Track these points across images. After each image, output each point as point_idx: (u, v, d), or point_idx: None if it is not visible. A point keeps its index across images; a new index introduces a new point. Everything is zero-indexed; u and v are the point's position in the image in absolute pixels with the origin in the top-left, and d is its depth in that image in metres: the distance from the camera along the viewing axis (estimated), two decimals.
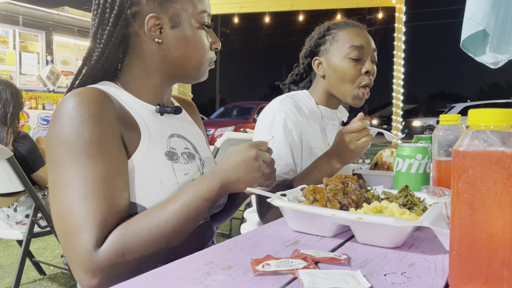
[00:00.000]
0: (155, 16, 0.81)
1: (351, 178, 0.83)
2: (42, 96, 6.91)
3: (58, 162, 0.71)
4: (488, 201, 0.44)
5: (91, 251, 0.66)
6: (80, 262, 0.66)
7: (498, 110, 0.45)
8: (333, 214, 0.68)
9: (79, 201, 0.68)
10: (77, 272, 0.67)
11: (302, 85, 1.47)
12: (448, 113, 1.00)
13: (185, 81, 0.91)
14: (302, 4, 6.87)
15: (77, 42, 7.81)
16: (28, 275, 2.54)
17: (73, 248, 0.67)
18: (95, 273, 0.66)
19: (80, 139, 0.70)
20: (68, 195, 0.68)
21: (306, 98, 1.34)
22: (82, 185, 0.68)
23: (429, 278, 0.54)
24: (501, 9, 1.58)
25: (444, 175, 1.01)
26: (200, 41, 0.86)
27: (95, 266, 0.66)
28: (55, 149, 0.72)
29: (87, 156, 0.70)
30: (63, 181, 0.69)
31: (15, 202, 2.17)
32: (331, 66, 1.28)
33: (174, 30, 0.83)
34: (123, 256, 0.67)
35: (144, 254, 0.69)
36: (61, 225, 0.69)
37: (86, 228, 0.66)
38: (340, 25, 1.30)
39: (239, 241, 0.69)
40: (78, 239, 0.66)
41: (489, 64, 1.72)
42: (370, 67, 1.25)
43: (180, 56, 0.85)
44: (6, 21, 6.63)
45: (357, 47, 1.24)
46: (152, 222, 0.71)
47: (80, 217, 0.67)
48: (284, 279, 0.52)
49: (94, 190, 0.69)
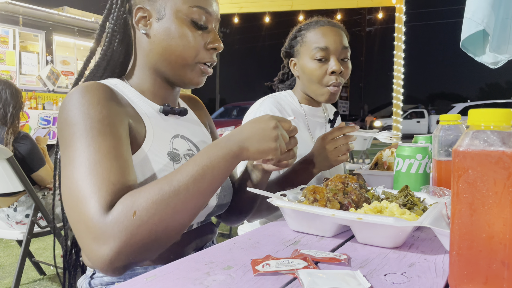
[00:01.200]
0: (141, 7, 0.82)
1: (351, 178, 0.83)
2: (42, 96, 6.91)
3: (67, 143, 0.69)
4: (488, 201, 0.43)
5: (99, 215, 0.62)
6: (88, 229, 0.62)
7: (498, 110, 0.45)
8: (333, 214, 0.68)
9: (86, 172, 0.65)
10: (86, 243, 0.63)
11: (288, 83, 1.51)
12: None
13: (177, 84, 0.87)
14: (302, 4, 6.86)
15: (77, 42, 7.81)
16: (28, 275, 2.54)
17: (80, 218, 0.63)
18: (105, 238, 0.61)
19: (88, 119, 0.70)
20: (76, 169, 0.66)
21: (289, 98, 1.37)
22: (89, 157, 0.66)
23: (429, 278, 0.54)
24: (501, 9, 1.58)
25: (444, 175, 1.01)
26: (184, 36, 0.81)
27: (104, 230, 0.61)
28: (64, 132, 0.70)
29: (95, 131, 0.69)
30: (71, 158, 0.68)
31: (15, 202, 2.17)
32: (301, 67, 1.32)
33: (160, 22, 0.82)
34: (133, 216, 0.62)
35: (156, 214, 0.63)
36: (70, 200, 0.66)
37: (93, 193, 0.63)
38: (310, 26, 1.33)
39: (239, 241, 0.69)
40: (85, 207, 0.63)
41: (489, 64, 1.72)
42: (337, 67, 1.25)
43: (163, 50, 0.82)
44: (6, 21, 6.63)
45: (321, 48, 1.26)
46: (163, 181, 0.67)
47: (87, 186, 0.64)
48: (284, 279, 0.52)
49: (101, 161, 0.66)
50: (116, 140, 0.71)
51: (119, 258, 0.61)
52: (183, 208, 0.66)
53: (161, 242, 0.65)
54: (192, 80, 0.86)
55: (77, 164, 0.66)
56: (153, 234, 0.63)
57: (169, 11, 0.81)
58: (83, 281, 0.83)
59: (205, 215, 0.88)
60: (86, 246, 0.63)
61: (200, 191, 0.68)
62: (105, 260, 0.61)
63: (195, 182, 0.67)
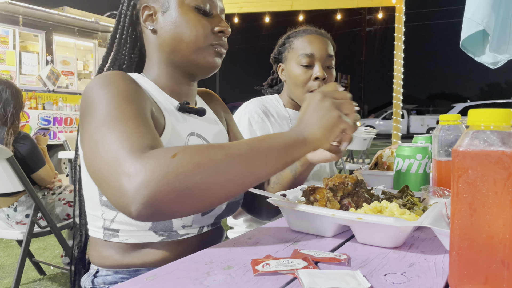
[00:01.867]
0: (147, 6, 0.84)
1: (351, 178, 0.83)
2: (42, 96, 6.91)
3: (89, 113, 0.67)
4: (488, 201, 0.44)
5: (132, 153, 0.58)
6: (118, 166, 0.57)
7: (498, 110, 0.45)
8: (333, 214, 0.68)
9: (114, 128, 0.62)
10: (114, 182, 0.57)
11: (276, 87, 1.59)
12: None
13: (194, 71, 0.86)
14: (302, 4, 6.86)
15: (77, 42, 7.81)
16: (28, 275, 2.54)
17: (111, 164, 0.58)
18: (136, 171, 0.55)
19: (111, 89, 0.69)
20: (99, 133, 0.63)
21: (275, 101, 1.45)
22: (117, 116, 0.64)
23: (429, 278, 0.54)
24: (501, 9, 1.58)
25: (444, 175, 1.01)
26: (190, 22, 0.82)
27: (137, 163, 0.56)
28: (87, 107, 0.68)
29: (121, 98, 0.67)
30: (92, 122, 0.65)
31: (15, 202, 2.17)
32: (288, 72, 1.39)
33: (165, 15, 0.84)
34: (172, 157, 0.57)
35: (199, 165, 0.57)
36: (98, 158, 0.61)
37: (125, 140, 0.60)
38: (297, 34, 1.40)
39: (239, 241, 0.69)
40: (117, 153, 0.58)
41: (488, 64, 1.72)
42: (320, 73, 1.32)
43: (172, 41, 0.83)
44: (6, 21, 6.63)
45: (307, 55, 1.34)
46: (214, 144, 0.62)
47: (116, 137, 0.60)
48: (284, 279, 0.52)
49: (130, 119, 0.64)
50: (141, 107, 0.69)
51: (148, 196, 0.55)
52: (230, 174, 0.60)
53: (194, 202, 0.58)
54: (207, 63, 0.85)
55: (101, 121, 0.64)
56: (189, 185, 0.56)
57: (173, 3, 0.83)
58: (86, 280, 0.83)
59: (214, 217, 0.88)
60: (116, 186, 0.57)
61: (251, 163, 0.61)
62: (133, 194, 0.55)
63: (249, 153, 0.61)
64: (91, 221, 0.83)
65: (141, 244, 0.79)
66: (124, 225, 0.78)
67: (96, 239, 0.82)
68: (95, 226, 0.82)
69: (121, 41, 0.88)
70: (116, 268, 0.80)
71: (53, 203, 2.30)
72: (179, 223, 0.79)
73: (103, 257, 0.81)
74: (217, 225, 0.91)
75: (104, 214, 0.79)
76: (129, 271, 0.80)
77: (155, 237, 0.79)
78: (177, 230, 0.81)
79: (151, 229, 0.78)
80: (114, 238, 0.79)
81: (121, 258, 0.80)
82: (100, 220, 0.80)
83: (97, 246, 0.82)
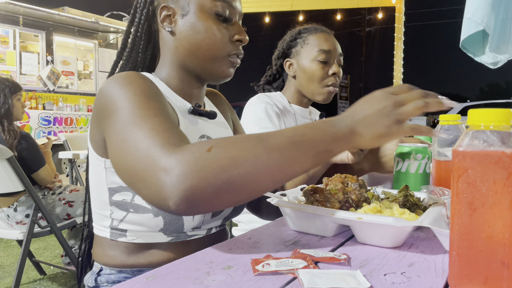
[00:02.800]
0: (166, 6, 0.84)
1: (351, 178, 0.83)
2: (42, 96, 6.92)
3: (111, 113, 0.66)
4: (488, 201, 0.44)
5: (166, 148, 0.57)
6: (154, 162, 0.56)
7: (498, 110, 0.45)
8: (333, 214, 0.68)
9: (141, 128, 0.61)
10: (150, 177, 0.56)
11: (275, 85, 1.59)
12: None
13: (207, 78, 0.87)
14: (302, 4, 6.86)
15: (77, 42, 7.82)
16: (28, 275, 2.54)
17: (144, 160, 0.58)
18: (172, 165, 0.55)
19: (132, 87, 0.68)
20: (127, 132, 0.62)
21: (280, 98, 1.45)
22: (140, 117, 0.63)
23: (429, 278, 0.54)
24: (501, 9, 1.58)
25: (444, 175, 1.01)
26: (210, 29, 0.81)
27: (173, 157, 0.56)
28: (108, 107, 0.68)
29: (142, 96, 0.67)
30: (117, 121, 0.64)
31: (15, 202, 2.17)
32: (301, 67, 1.40)
33: (184, 18, 0.82)
34: (208, 150, 0.56)
35: (235, 158, 0.56)
36: (129, 156, 0.60)
37: (156, 138, 0.59)
38: (310, 30, 1.43)
39: (239, 241, 0.69)
40: (150, 149, 0.58)
41: (488, 64, 1.72)
42: (337, 69, 1.38)
43: (190, 46, 0.83)
44: (6, 21, 6.63)
45: (325, 51, 1.37)
46: (251, 134, 0.60)
47: (146, 139, 0.59)
48: (284, 279, 0.52)
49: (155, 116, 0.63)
50: (163, 104, 0.69)
51: (186, 190, 0.54)
52: (268, 168, 0.58)
53: (232, 195, 0.57)
54: (222, 73, 0.85)
55: (127, 119, 0.63)
56: (227, 179, 0.56)
57: (193, 7, 0.82)
58: (90, 278, 0.83)
59: (222, 219, 0.88)
60: (153, 182, 0.56)
61: (291, 157, 0.59)
62: (171, 188, 0.54)
63: (289, 146, 0.59)
64: (97, 220, 0.83)
65: (148, 244, 0.79)
66: (134, 225, 0.78)
67: (101, 238, 0.82)
68: (102, 225, 0.82)
69: (136, 37, 0.87)
70: (121, 267, 0.80)
71: (53, 203, 2.30)
72: (190, 225, 0.79)
73: (108, 256, 0.81)
74: (223, 226, 0.92)
75: (113, 214, 0.79)
76: (133, 271, 0.80)
77: (163, 238, 0.79)
78: (187, 232, 0.81)
79: (161, 231, 0.78)
80: (121, 237, 0.79)
81: (126, 258, 0.80)
82: (108, 219, 0.80)
83: (102, 245, 0.82)
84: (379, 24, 21.96)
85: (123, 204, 0.77)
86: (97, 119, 0.73)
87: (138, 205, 0.76)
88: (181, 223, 0.77)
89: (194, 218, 0.79)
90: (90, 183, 0.85)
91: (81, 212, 2.30)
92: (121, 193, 0.77)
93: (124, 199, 0.77)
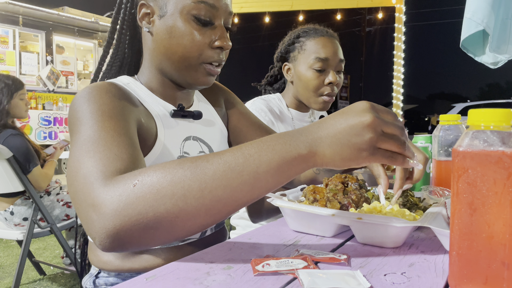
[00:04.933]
0: (144, 3, 0.79)
1: (351, 178, 0.83)
2: (42, 96, 6.92)
3: (74, 131, 0.66)
4: (488, 201, 0.43)
5: (99, 182, 0.55)
6: (87, 196, 0.55)
7: (498, 110, 0.45)
8: (333, 214, 0.68)
9: (89, 147, 0.60)
10: (85, 212, 0.55)
11: (276, 86, 1.55)
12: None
13: (183, 84, 0.83)
14: (302, 4, 6.87)
15: (77, 42, 7.82)
16: (28, 275, 2.54)
17: (81, 188, 0.56)
18: (101, 204, 0.53)
19: (94, 106, 0.67)
20: (79, 147, 0.61)
21: (278, 101, 1.41)
22: (93, 134, 0.62)
23: (429, 278, 0.54)
24: (501, 9, 1.58)
25: (444, 175, 1.01)
26: (187, 34, 0.76)
27: (102, 196, 0.53)
28: (72, 124, 0.67)
29: (101, 114, 0.65)
30: (76, 140, 0.63)
31: (11, 206, 2.14)
32: (297, 73, 1.35)
33: (162, 20, 0.77)
34: (133, 186, 0.53)
35: (160, 193, 0.52)
36: (72, 177, 0.59)
37: (96, 164, 0.57)
38: (310, 33, 1.35)
39: (239, 241, 0.69)
40: (87, 178, 0.56)
41: (488, 64, 1.72)
42: (333, 79, 1.30)
43: (165, 50, 0.78)
44: (6, 21, 6.64)
45: (321, 59, 1.30)
46: (185, 160, 0.54)
47: (89, 159, 0.58)
48: (284, 279, 0.52)
49: (106, 136, 0.61)
50: (124, 122, 0.66)
51: (111, 229, 0.52)
52: (202, 201, 0.51)
53: (161, 234, 0.54)
54: (197, 81, 0.80)
55: (80, 143, 0.62)
56: (152, 217, 0.52)
57: (171, 8, 0.76)
58: (88, 280, 0.83)
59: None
60: (84, 215, 0.55)
61: (231, 186, 0.51)
62: (97, 226, 0.53)
63: (228, 173, 0.51)
64: None
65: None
66: None
67: (94, 244, 0.82)
68: None
69: (121, 33, 0.84)
70: (117, 271, 0.80)
71: (52, 205, 2.28)
72: None
73: (103, 262, 0.80)
74: (220, 226, 0.91)
75: None
76: (132, 274, 0.80)
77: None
78: None
79: None
80: None
81: (121, 263, 0.79)
82: None
83: (96, 250, 0.82)
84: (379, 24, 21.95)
85: None
86: (69, 130, 0.72)
87: None
88: None
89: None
90: None
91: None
92: None
93: None
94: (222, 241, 0.91)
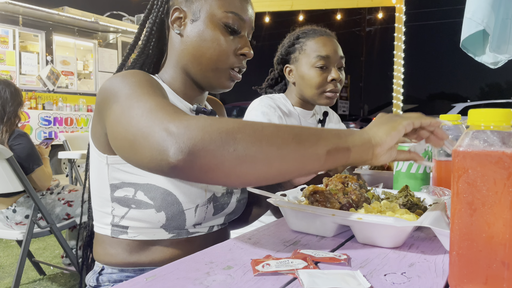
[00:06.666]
0: (178, 8, 0.84)
1: (351, 178, 0.83)
2: (42, 96, 6.92)
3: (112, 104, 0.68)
4: (488, 201, 0.43)
5: (173, 114, 0.58)
6: (164, 124, 0.57)
7: (498, 110, 0.45)
8: (333, 214, 0.68)
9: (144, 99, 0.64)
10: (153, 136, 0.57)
11: (277, 88, 1.57)
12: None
13: (206, 86, 0.88)
14: (302, 4, 6.86)
15: (77, 42, 7.82)
16: (28, 275, 2.54)
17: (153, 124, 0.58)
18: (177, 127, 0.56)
19: (135, 80, 0.70)
20: (129, 104, 0.64)
21: (283, 100, 1.44)
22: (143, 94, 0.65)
23: (429, 278, 0.54)
24: (501, 9, 1.58)
25: (444, 175, 1.01)
26: (216, 39, 0.82)
27: (177, 121, 0.57)
28: (108, 101, 0.69)
29: (146, 85, 0.69)
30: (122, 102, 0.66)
31: (14, 204, 2.16)
32: (300, 74, 1.38)
33: (194, 24, 0.83)
34: (211, 119, 0.58)
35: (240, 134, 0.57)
36: (132, 125, 0.61)
37: (160, 109, 0.60)
38: (309, 34, 1.39)
39: (239, 241, 0.69)
40: (156, 115, 0.59)
41: (489, 64, 1.72)
42: (336, 75, 1.35)
43: (194, 51, 0.83)
44: (6, 21, 6.63)
45: (323, 57, 1.34)
46: (256, 122, 0.60)
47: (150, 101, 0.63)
48: (284, 279, 0.52)
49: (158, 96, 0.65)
50: (165, 95, 0.71)
51: (189, 138, 0.55)
52: (279, 148, 0.58)
53: (232, 162, 0.56)
54: (220, 84, 0.86)
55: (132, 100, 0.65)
56: (231, 139, 0.56)
57: (204, 14, 0.82)
58: (91, 277, 0.84)
59: (224, 217, 0.88)
60: (154, 135, 0.57)
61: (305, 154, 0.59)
62: (176, 136, 0.55)
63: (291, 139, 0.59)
64: (98, 218, 0.83)
65: (149, 241, 0.80)
66: (135, 222, 0.78)
67: (102, 236, 0.82)
68: (103, 223, 0.82)
69: (150, 34, 0.87)
70: (122, 266, 0.81)
71: (53, 203, 2.29)
72: (191, 221, 0.80)
73: (110, 254, 0.81)
74: (225, 225, 0.92)
75: (114, 211, 0.79)
76: (135, 270, 0.81)
77: (164, 235, 0.79)
78: (188, 228, 0.81)
79: (163, 227, 0.78)
80: (123, 235, 0.79)
81: (128, 256, 0.80)
82: (109, 216, 0.80)
83: (103, 243, 0.82)
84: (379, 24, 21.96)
85: (125, 200, 0.78)
86: (99, 113, 0.74)
87: (140, 201, 0.76)
88: (183, 218, 0.78)
89: (196, 213, 0.79)
90: (91, 181, 0.85)
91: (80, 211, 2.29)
92: (123, 189, 0.78)
93: (126, 195, 0.77)
94: (227, 238, 0.92)
